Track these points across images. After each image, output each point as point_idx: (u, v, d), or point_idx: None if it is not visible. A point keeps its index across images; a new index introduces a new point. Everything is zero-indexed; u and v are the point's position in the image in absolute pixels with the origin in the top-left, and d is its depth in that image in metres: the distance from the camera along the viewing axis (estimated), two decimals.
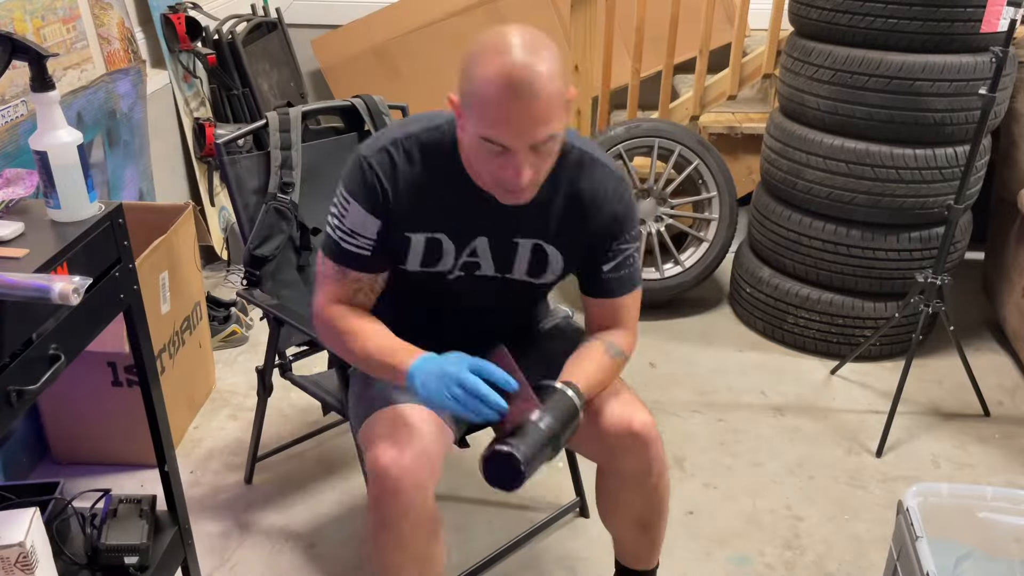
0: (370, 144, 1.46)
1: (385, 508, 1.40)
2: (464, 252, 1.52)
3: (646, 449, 1.52)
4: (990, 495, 1.64)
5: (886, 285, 2.69)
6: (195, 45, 3.02)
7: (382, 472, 1.38)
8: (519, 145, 1.29)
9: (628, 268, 1.55)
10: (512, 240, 1.51)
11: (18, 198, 1.42)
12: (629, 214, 1.52)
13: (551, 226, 1.50)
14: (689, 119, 3.31)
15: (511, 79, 1.25)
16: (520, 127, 1.28)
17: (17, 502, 1.53)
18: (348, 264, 1.49)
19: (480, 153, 1.34)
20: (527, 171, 1.32)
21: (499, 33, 1.30)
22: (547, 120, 1.28)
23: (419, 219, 1.47)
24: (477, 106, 1.29)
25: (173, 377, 2.33)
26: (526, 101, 1.25)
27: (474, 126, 1.31)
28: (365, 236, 1.47)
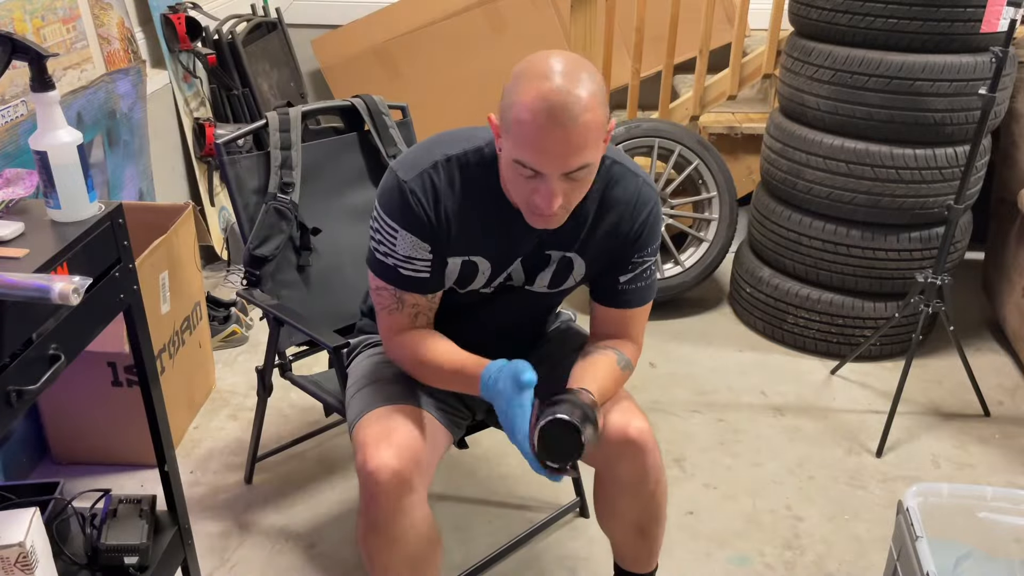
0: (408, 166, 1.43)
1: (375, 510, 1.40)
2: (500, 276, 1.52)
3: (643, 456, 1.52)
4: (990, 495, 1.64)
5: (886, 285, 2.69)
6: (195, 45, 3.02)
7: (372, 474, 1.38)
8: (551, 171, 1.29)
9: (644, 281, 1.55)
10: (544, 253, 1.51)
11: (18, 198, 1.42)
12: (656, 226, 1.52)
13: (581, 235, 1.49)
14: (689, 119, 3.31)
15: (549, 105, 1.24)
16: (554, 154, 1.27)
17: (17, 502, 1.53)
18: (407, 288, 1.48)
19: (513, 175, 1.33)
20: (558, 198, 1.31)
21: (543, 57, 1.29)
22: (581, 149, 1.28)
23: (459, 244, 1.47)
24: (514, 129, 1.28)
25: (173, 377, 2.33)
26: (562, 128, 1.25)
27: (509, 149, 1.30)
28: (421, 260, 1.45)
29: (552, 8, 3.64)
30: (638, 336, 1.60)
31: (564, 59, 1.28)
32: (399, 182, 1.42)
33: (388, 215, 1.43)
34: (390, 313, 1.50)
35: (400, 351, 1.52)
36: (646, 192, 1.50)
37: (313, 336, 1.79)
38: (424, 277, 1.47)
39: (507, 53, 3.66)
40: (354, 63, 3.82)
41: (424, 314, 1.52)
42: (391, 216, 1.43)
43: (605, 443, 1.51)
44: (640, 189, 1.49)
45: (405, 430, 1.45)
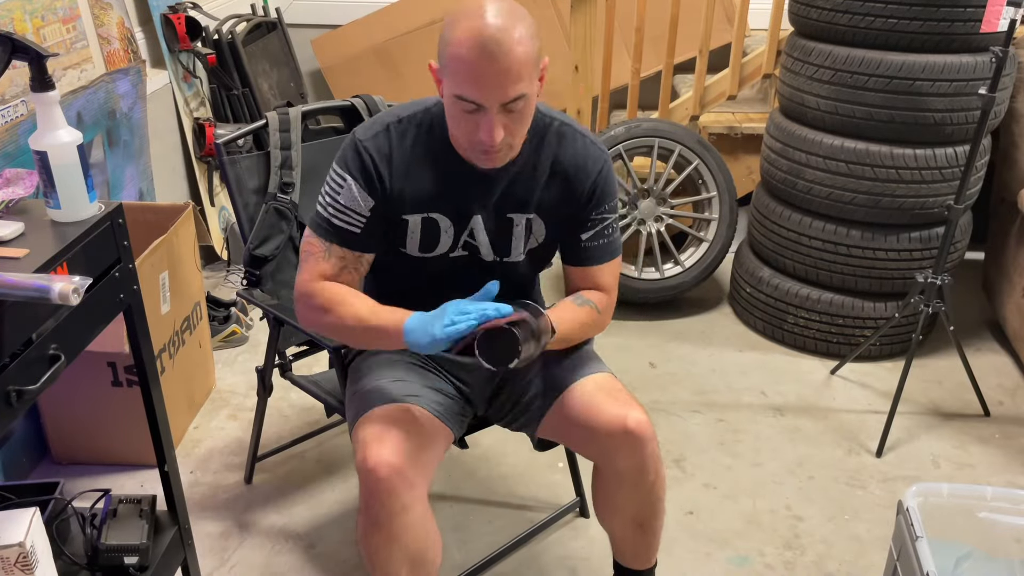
0: (365, 128, 1.52)
1: (375, 508, 1.40)
2: (463, 233, 1.56)
3: (641, 447, 1.53)
4: (990, 495, 1.64)
5: (886, 285, 2.69)
6: (195, 45, 3.02)
7: (371, 473, 1.39)
8: (490, 102, 1.35)
9: (607, 238, 1.61)
10: (507, 216, 1.56)
11: (18, 198, 1.42)
12: (609, 183, 1.58)
13: (536, 196, 1.55)
14: (689, 119, 3.31)
15: (482, 37, 1.32)
16: (490, 84, 1.34)
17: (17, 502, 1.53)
18: (335, 239, 1.52)
19: (456, 114, 1.40)
20: (499, 130, 1.38)
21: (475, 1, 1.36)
22: (517, 79, 1.34)
23: (414, 201, 1.52)
24: (451, 66, 1.35)
25: (173, 377, 2.33)
26: (496, 58, 1.32)
27: (449, 86, 1.37)
28: (357, 213, 1.51)
29: (552, 8, 3.64)
30: (608, 287, 1.65)
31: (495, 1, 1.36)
32: (355, 140, 1.51)
33: (340, 166, 1.51)
34: (316, 260, 1.52)
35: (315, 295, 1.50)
36: (594, 151, 1.56)
37: (313, 336, 1.79)
38: (354, 232, 1.51)
39: None
40: (354, 63, 3.82)
41: (350, 270, 1.53)
42: (343, 167, 1.51)
43: (603, 435, 1.53)
44: (587, 148, 1.56)
45: (405, 428, 1.46)
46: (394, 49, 3.76)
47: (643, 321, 3.01)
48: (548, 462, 2.31)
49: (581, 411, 1.56)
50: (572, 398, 1.58)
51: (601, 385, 1.60)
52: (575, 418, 1.57)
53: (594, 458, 1.62)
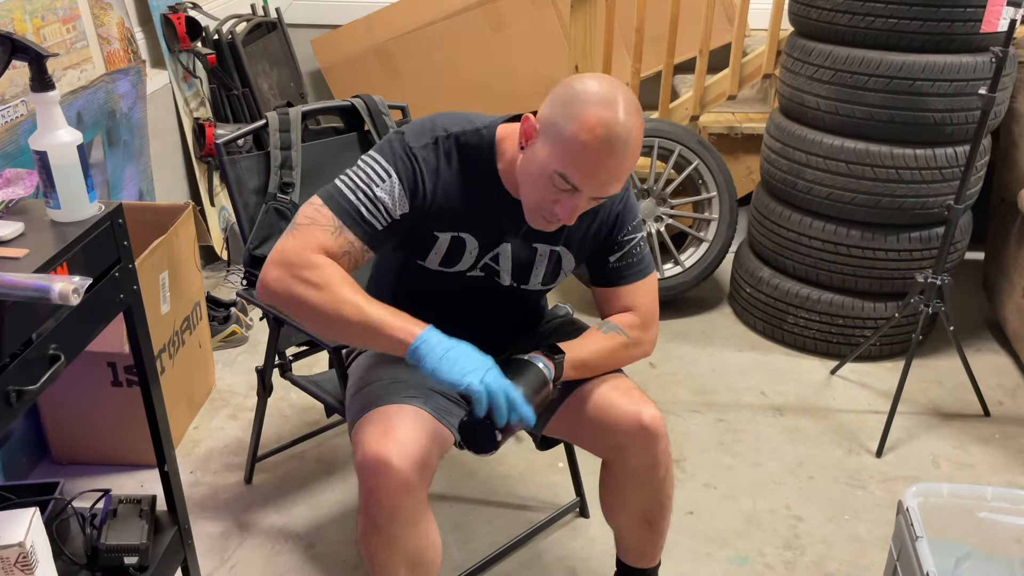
0: (416, 134, 1.47)
1: (375, 509, 1.40)
2: (487, 256, 1.55)
3: (655, 443, 1.54)
4: (990, 495, 1.64)
5: (886, 285, 2.69)
6: (195, 45, 3.02)
7: (371, 473, 1.39)
8: (588, 193, 1.37)
9: (635, 257, 1.61)
10: (532, 246, 1.56)
11: (18, 198, 1.42)
12: (631, 205, 1.60)
13: (566, 230, 1.55)
14: (689, 119, 3.31)
15: (613, 135, 1.31)
16: (602, 180, 1.36)
17: (17, 502, 1.53)
18: (352, 224, 1.41)
19: (541, 183, 1.38)
20: (577, 213, 1.40)
21: (605, 83, 1.35)
22: (622, 179, 1.38)
23: (449, 219, 1.50)
24: (569, 145, 1.33)
25: (173, 377, 2.33)
26: (617, 159, 1.33)
27: (552, 159, 1.35)
28: (387, 212, 1.44)
29: (552, 8, 3.64)
30: (643, 307, 1.63)
31: (623, 91, 1.35)
32: (406, 144, 1.46)
33: (387, 162, 1.44)
34: (322, 231, 1.40)
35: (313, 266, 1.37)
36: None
37: (313, 336, 1.79)
38: (375, 227, 1.43)
39: (507, 53, 3.66)
40: (354, 63, 3.82)
41: (349, 261, 1.43)
42: (391, 163, 1.44)
43: (616, 431, 1.54)
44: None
45: (405, 429, 1.45)
46: (394, 49, 3.76)
47: None
48: (548, 462, 2.31)
49: (594, 408, 1.57)
50: (584, 395, 1.59)
51: (613, 383, 1.61)
52: (588, 415, 1.58)
53: (605, 455, 1.63)
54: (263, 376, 2.08)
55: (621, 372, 1.66)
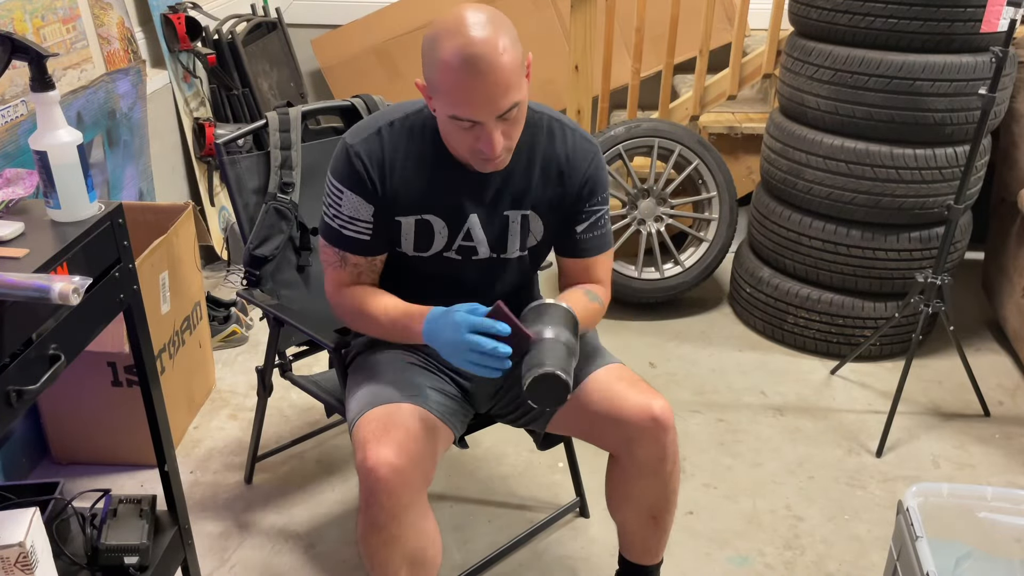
0: (355, 133, 1.52)
1: (375, 508, 1.40)
2: (459, 235, 1.57)
3: (664, 435, 1.54)
4: (990, 495, 1.64)
5: (886, 285, 2.69)
6: (195, 45, 3.02)
7: (371, 472, 1.39)
8: (486, 117, 1.37)
9: (600, 229, 1.63)
10: (503, 214, 1.57)
11: (18, 198, 1.42)
12: (601, 176, 1.60)
13: (532, 193, 1.57)
14: (689, 119, 3.31)
15: (468, 58, 1.32)
16: (484, 102, 1.35)
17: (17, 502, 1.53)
18: (349, 249, 1.55)
19: (453, 130, 1.42)
20: (498, 140, 1.40)
21: (450, 14, 1.37)
22: (507, 90, 1.35)
23: (408, 203, 1.53)
24: (442, 88, 1.36)
25: (173, 377, 2.33)
26: (486, 75, 1.33)
27: (442, 106, 1.39)
28: (363, 221, 1.53)
29: (552, 8, 3.64)
30: (604, 280, 1.68)
31: (471, 10, 1.36)
32: (346, 146, 1.51)
33: (335, 177, 1.53)
34: (335, 269, 1.59)
35: (344, 302, 1.59)
36: (584, 145, 1.58)
37: (313, 336, 1.79)
38: (365, 239, 1.55)
39: None
40: (354, 63, 3.82)
41: (366, 273, 1.59)
42: (338, 178, 1.52)
43: (627, 423, 1.55)
44: (577, 142, 1.57)
45: (405, 428, 1.46)
46: (394, 49, 3.76)
47: (643, 321, 3.01)
48: (548, 462, 2.31)
49: (603, 401, 1.57)
50: (591, 389, 1.59)
51: (619, 375, 1.61)
52: (596, 408, 1.58)
53: (614, 448, 1.63)
54: (263, 376, 2.08)
55: (623, 365, 1.66)
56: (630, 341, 2.90)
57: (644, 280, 2.99)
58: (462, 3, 1.39)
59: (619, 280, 2.97)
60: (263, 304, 1.93)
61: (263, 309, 1.95)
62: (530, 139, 1.54)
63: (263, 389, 2.10)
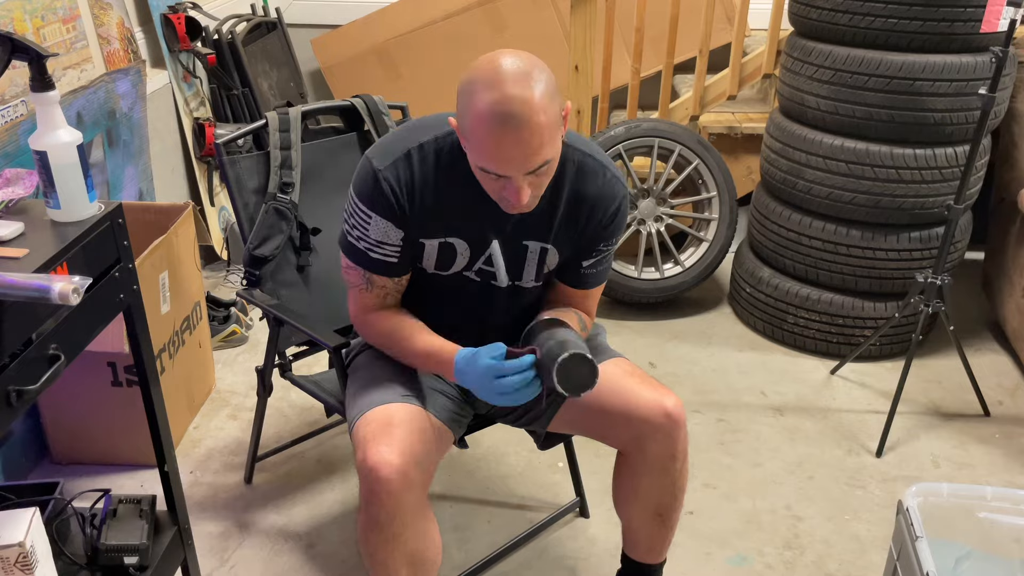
0: (383, 155, 1.47)
1: (375, 508, 1.40)
2: (480, 258, 1.55)
3: (677, 432, 1.54)
4: (990, 495, 1.64)
5: (886, 285, 2.69)
6: (195, 45, 3.02)
7: (371, 472, 1.39)
8: (516, 174, 1.34)
9: (604, 264, 1.64)
10: (522, 243, 1.55)
11: (18, 198, 1.42)
12: (623, 218, 1.59)
13: (554, 227, 1.54)
14: (689, 119, 3.31)
15: (503, 113, 1.28)
16: (514, 161, 1.32)
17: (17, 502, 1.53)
18: (376, 271, 1.53)
19: (482, 177, 1.39)
20: (525, 192, 1.36)
21: (488, 62, 1.32)
22: (539, 149, 1.31)
23: (433, 227, 1.51)
24: (472, 139, 1.33)
25: (173, 377, 2.33)
26: (519, 134, 1.29)
27: (472, 156, 1.36)
28: (391, 244, 1.51)
29: (552, 8, 3.64)
30: (592, 310, 1.69)
31: (511, 60, 1.31)
32: (373, 170, 1.46)
33: (362, 201, 1.48)
34: (360, 292, 1.57)
35: (370, 329, 1.59)
36: (615, 186, 1.55)
37: (313, 336, 1.79)
38: (392, 262, 1.53)
39: None
40: (354, 63, 3.82)
41: (392, 295, 1.58)
42: (365, 203, 1.48)
43: (639, 420, 1.54)
44: (609, 182, 1.54)
45: (406, 427, 1.46)
46: (394, 49, 3.76)
47: (643, 321, 3.01)
48: (548, 462, 2.31)
49: (614, 396, 1.57)
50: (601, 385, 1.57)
51: (627, 370, 1.61)
52: (606, 404, 1.57)
53: (623, 445, 1.62)
54: (263, 376, 2.08)
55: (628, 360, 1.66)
56: (630, 341, 2.90)
57: (644, 280, 2.99)
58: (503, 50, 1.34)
59: (619, 280, 2.97)
60: (263, 304, 1.93)
61: (263, 309, 1.95)
62: (560, 173, 1.49)
63: (263, 389, 2.10)
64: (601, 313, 3.05)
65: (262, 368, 2.06)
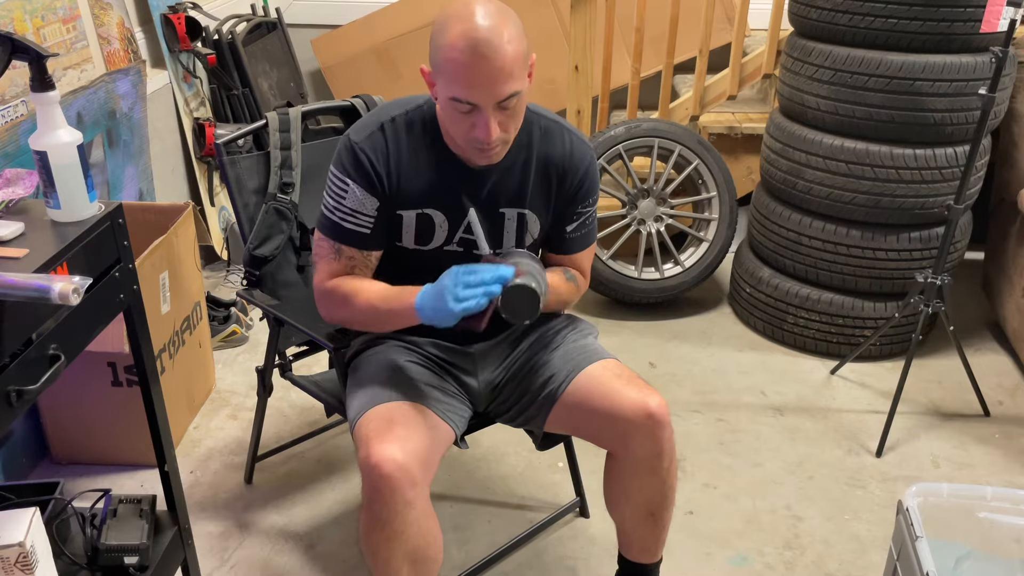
0: (358, 129, 1.55)
1: (377, 505, 1.41)
2: (459, 227, 1.59)
3: (660, 431, 1.55)
4: (990, 495, 1.64)
5: (886, 285, 2.69)
6: (195, 45, 3.02)
7: (374, 469, 1.39)
8: (486, 102, 1.39)
9: (587, 228, 1.68)
10: (499, 211, 1.60)
11: (18, 198, 1.42)
12: (596, 179, 1.65)
13: (528, 192, 1.59)
14: (689, 119, 3.31)
15: (474, 39, 1.36)
16: (485, 84, 1.38)
17: (17, 502, 1.53)
18: (346, 241, 1.57)
19: (451, 115, 1.44)
20: (495, 127, 1.42)
21: (464, 4, 1.40)
22: (509, 78, 1.38)
23: (409, 197, 1.56)
24: (445, 69, 1.39)
25: (173, 377, 2.33)
26: (489, 59, 1.36)
27: (444, 89, 1.41)
28: (365, 214, 1.55)
29: (552, 8, 3.64)
30: (586, 270, 1.75)
31: (483, 2, 1.39)
32: (350, 142, 1.54)
33: (340, 172, 1.55)
34: (327, 261, 1.59)
35: (331, 297, 1.59)
36: (581, 148, 1.62)
37: (313, 336, 1.79)
38: (364, 232, 1.56)
39: None
40: (354, 63, 3.82)
41: (359, 268, 1.60)
42: (343, 172, 1.54)
43: (623, 420, 1.56)
44: (575, 145, 1.61)
45: (408, 425, 1.46)
46: (394, 49, 3.76)
47: (643, 321, 3.01)
48: (548, 462, 2.31)
49: (599, 397, 1.58)
50: (587, 384, 1.60)
51: (615, 371, 1.62)
52: (592, 404, 1.59)
53: (610, 445, 1.63)
54: (263, 376, 2.08)
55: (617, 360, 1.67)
56: (630, 341, 2.90)
57: (644, 280, 2.99)
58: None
59: (619, 280, 2.97)
60: (263, 304, 1.93)
61: (263, 309, 1.95)
62: (527, 139, 1.57)
63: (263, 389, 2.10)
64: (601, 313, 3.05)
65: (262, 368, 2.07)
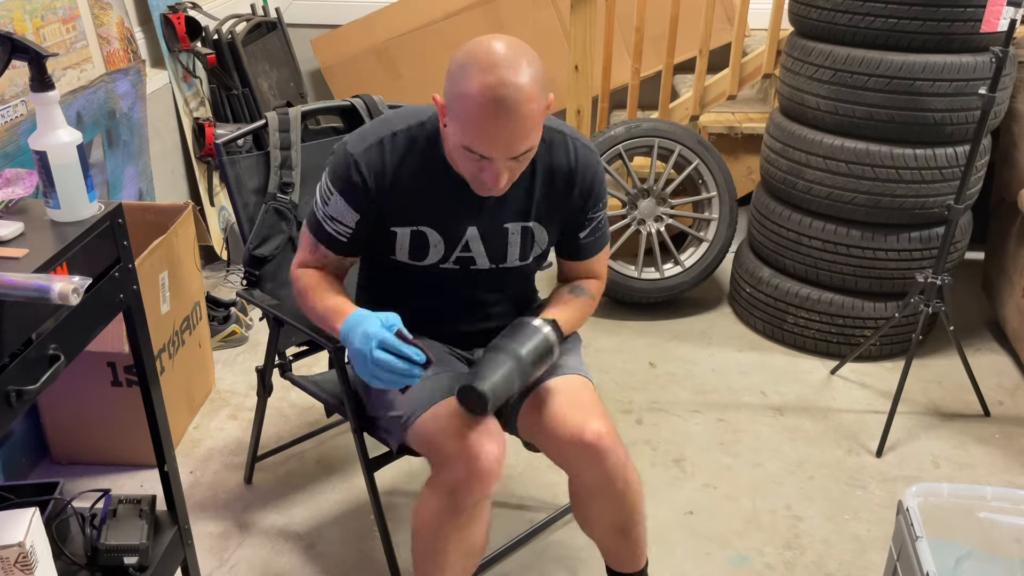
0: (357, 140, 1.52)
1: (461, 495, 1.41)
2: (457, 247, 1.56)
3: (602, 460, 1.50)
4: (990, 495, 1.64)
5: (886, 285, 2.69)
6: (195, 45, 3.02)
7: (473, 461, 1.40)
8: (500, 156, 1.37)
9: (600, 231, 1.66)
10: (502, 226, 1.57)
11: (18, 198, 1.42)
12: (602, 183, 1.61)
13: (533, 205, 1.57)
14: (689, 119, 3.31)
15: (495, 98, 1.31)
16: (501, 144, 1.35)
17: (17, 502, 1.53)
18: (322, 241, 1.59)
19: (461, 156, 1.41)
20: (504, 177, 1.41)
21: (483, 45, 1.34)
22: (526, 136, 1.36)
23: (404, 214, 1.54)
24: (461, 118, 1.35)
25: (173, 377, 2.33)
26: (509, 119, 1.32)
27: (457, 134, 1.37)
28: (344, 225, 1.55)
29: (552, 8, 3.64)
30: (601, 274, 1.73)
31: (505, 47, 1.34)
32: (347, 153, 1.51)
33: (330, 179, 1.55)
34: (305, 251, 1.63)
35: (299, 282, 1.62)
36: (586, 155, 1.58)
37: (313, 336, 1.79)
38: (341, 240, 1.58)
39: None
40: (354, 63, 3.82)
41: (331, 266, 1.63)
42: (332, 181, 1.54)
43: (562, 448, 1.52)
44: (579, 152, 1.57)
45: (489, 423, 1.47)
46: (394, 49, 3.76)
47: (643, 321, 3.01)
48: (548, 462, 2.28)
49: (546, 420, 1.54)
50: (538, 402, 1.57)
51: (568, 390, 1.57)
52: (541, 422, 1.55)
53: (561, 466, 1.60)
54: (263, 376, 2.08)
55: (583, 375, 1.63)
56: (630, 341, 2.90)
57: (644, 280, 2.99)
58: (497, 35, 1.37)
59: (619, 280, 2.97)
60: (263, 304, 1.93)
61: (263, 309, 1.94)
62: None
63: (263, 389, 2.10)
64: (601, 313, 3.05)
65: (262, 368, 2.06)
